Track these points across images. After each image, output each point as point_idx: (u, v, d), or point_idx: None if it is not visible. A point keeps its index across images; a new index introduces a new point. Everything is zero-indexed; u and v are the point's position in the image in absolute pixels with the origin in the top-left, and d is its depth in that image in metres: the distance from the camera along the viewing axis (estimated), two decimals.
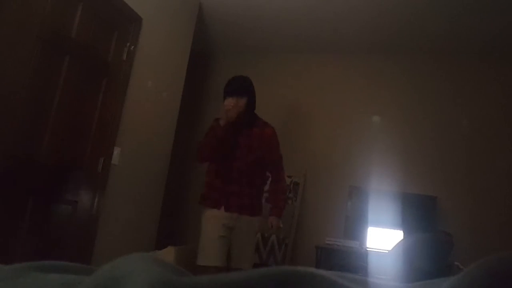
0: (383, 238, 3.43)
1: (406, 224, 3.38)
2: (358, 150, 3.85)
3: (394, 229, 3.41)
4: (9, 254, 2.12)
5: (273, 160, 2.61)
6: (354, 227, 3.64)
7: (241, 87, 2.60)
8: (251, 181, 2.50)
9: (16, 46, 2.11)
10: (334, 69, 4.20)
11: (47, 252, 2.32)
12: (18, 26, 2.12)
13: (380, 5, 3.32)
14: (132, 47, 2.88)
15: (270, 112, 4.24)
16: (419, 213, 3.50)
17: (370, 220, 3.52)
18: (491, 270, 0.23)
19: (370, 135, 3.86)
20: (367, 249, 3.35)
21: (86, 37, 2.52)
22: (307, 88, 4.23)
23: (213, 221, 2.44)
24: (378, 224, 3.49)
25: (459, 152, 3.68)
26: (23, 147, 2.18)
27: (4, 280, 0.32)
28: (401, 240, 2.83)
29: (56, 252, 2.39)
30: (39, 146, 2.27)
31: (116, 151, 2.80)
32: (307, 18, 3.66)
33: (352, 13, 3.49)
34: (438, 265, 2.35)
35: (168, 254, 3.08)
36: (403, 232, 3.37)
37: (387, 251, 3.01)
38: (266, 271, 0.26)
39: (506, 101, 3.67)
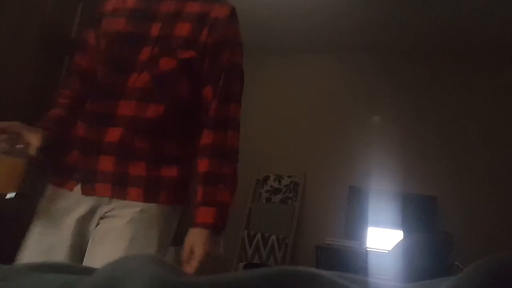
0: (383, 238, 3.43)
1: (406, 224, 3.38)
2: (358, 150, 3.85)
3: (394, 229, 3.41)
4: (9, 254, 2.12)
5: (220, 70, 1.14)
6: (354, 227, 3.64)
7: None
8: (160, 122, 1.10)
9: (16, 46, 2.11)
10: (334, 69, 4.20)
11: None
12: (18, 26, 2.12)
13: (380, 5, 3.32)
14: None
15: (270, 112, 4.25)
16: (419, 213, 3.50)
17: (370, 220, 3.52)
18: (491, 270, 0.23)
19: (370, 135, 3.86)
20: (367, 249, 3.35)
21: None
22: (308, 88, 4.23)
23: (43, 218, 1.11)
24: (378, 224, 3.49)
25: (459, 152, 3.68)
26: None
27: (4, 280, 0.32)
28: (401, 240, 2.84)
29: None
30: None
31: None
32: (307, 18, 3.66)
33: (352, 13, 3.49)
34: (438, 265, 2.35)
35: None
36: (403, 232, 3.37)
37: (387, 251, 3.02)
38: (266, 271, 0.26)
39: (506, 101, 3.67)
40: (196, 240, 1.05)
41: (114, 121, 1.08)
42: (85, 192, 1.08)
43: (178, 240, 1.29)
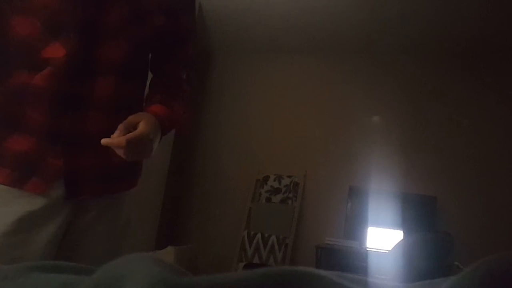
0: (383, 238, 3.43)
1: (406, 224, 3.38)
2: (358, 150, 3.85)
3: (394, 229, 3.41)
4: None
5: (185, 31, 1.11)
6: (354, 227, 3.64)
7: None
8: (138, 101, 1.05)
9: None
10: (335, 69, 4.20)
11: None
12: None
13: (380, 5, 3.32)
14: None
15: (270, 112, 4.25)
16: (419, 213, 3.50)
17: (370, 220, 3.52)
18: (491, 270, 0.23)
19: (370, 135, 3.87)
20: (367, 249, 3.35)
21: None
22: (308, 87, 4.23)
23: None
24: (378, 224, 3.49)
25: (459, 152, 3.68)
26: None
27: (4, 280, 0.32)
28: (401, 240, 2.84)
29: None
30: None
31: None
32: (307, 18, 3.66)
33: (352, 13, 3.49)
34: (438, 265, 2.35)
35: (168, 254, 3.08)
36: (403, 232, 3.37)
37: (387, 251, 3.02)
38: (266, 271, 0.26)
39: (506, 101, 3.67)
40: (146, 118, 0.91)
41: (91, 104, 0.91)
42: (70, 194, 0.90)
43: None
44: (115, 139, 0.83)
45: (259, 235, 3.79)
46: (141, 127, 0.87)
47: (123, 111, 0.96)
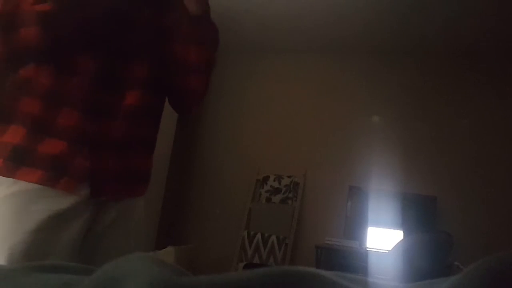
0: (383, 238, 3.43)
1: (406, 224, 3.38)
2: (358, 150, 3.85)
3: (394, 229, 3.41)
4: None
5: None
6: (354, 227, 3.64)
7: None
8: (160, 110, 1.15)
9: None
10: (334, 69, 4.20)
11: None
12: None
13: (380, 5, 3.32)
14: None
15: (270, 112, 4.25)
16: (419, 213, 3.50)
17: (370, 220, 3.52)
18: (491, 270, 0.23)
19: (370, 135, 3.86)
20: (367, 249, 3.35)
21: None
22: (308, 87, 4.23)
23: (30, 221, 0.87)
24: (378, 224, 3.49)
25: (459, 152, 3.68)
26: None
27: (4, 280, 0.32)
28: (401, 240, 2.84)
29: None
30: None
31: None
32: (308, 18, 3.66)
33: (353, 14, 3.49)
34: (438, 265, 2.35)
35: (168, 254, 3.09)
36: (403, 232, 3.37)
37: (387, 251, 3.02)
38: (266, 271, 0.26)
39: (506, 101, 3.67)
40: None
41: (118, 114, 0.99)
42: (95, 194, 0.96)
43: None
44: None
45: (259, 235, 3.79)
46: None
47: (146, 120, 1.08)
